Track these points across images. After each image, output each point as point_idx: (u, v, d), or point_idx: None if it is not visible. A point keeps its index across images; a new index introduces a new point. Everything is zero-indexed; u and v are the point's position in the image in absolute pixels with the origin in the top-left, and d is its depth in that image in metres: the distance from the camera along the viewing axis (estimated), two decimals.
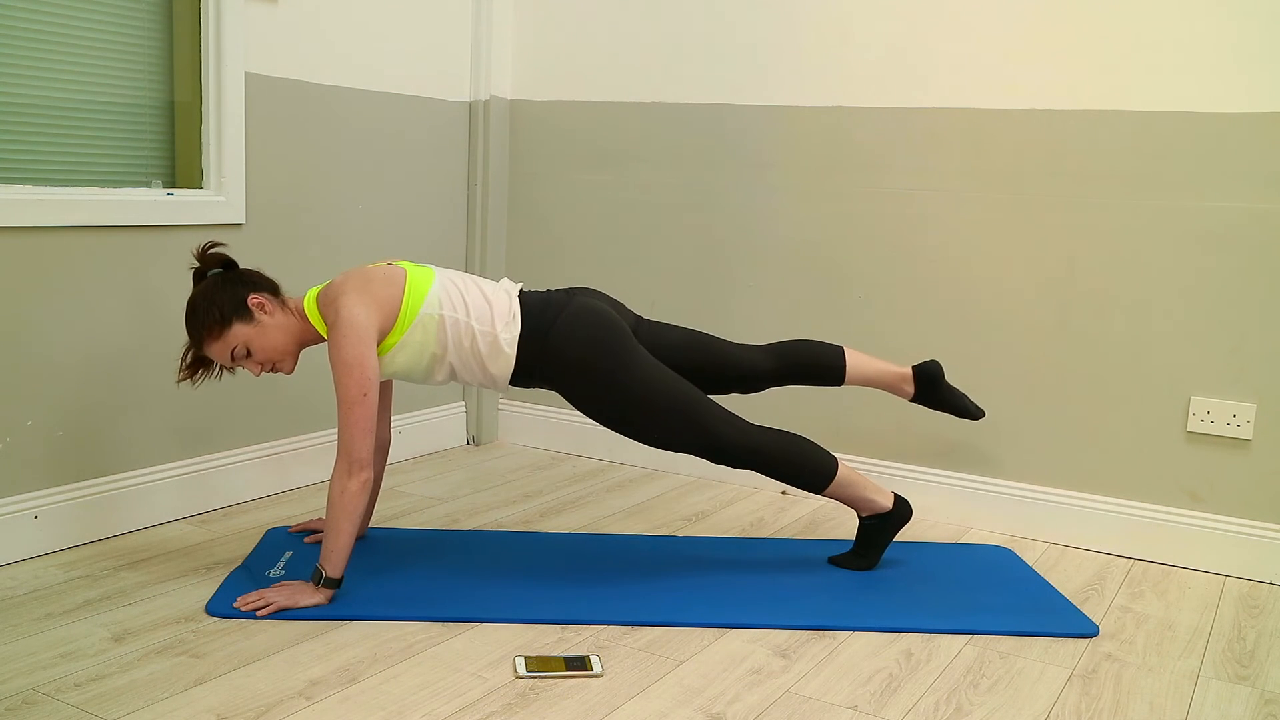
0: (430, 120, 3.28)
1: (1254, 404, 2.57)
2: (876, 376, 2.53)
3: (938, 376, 2.50)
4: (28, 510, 2.35)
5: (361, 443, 2.08)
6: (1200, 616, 2.35)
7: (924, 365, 2.51)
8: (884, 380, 2.53)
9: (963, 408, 2.51)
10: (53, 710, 1.72)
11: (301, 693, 1.81)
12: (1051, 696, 1.93)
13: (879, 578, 2.45)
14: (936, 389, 2.51)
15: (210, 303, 2.17)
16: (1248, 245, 2.54)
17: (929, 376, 2.50)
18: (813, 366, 2.50)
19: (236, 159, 2.69)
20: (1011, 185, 2.78)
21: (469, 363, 2.24)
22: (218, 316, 2.16)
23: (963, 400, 2.52)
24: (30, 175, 2.37)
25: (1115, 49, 2.63)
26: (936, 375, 2.50)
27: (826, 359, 2.50)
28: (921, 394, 2.52)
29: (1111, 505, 2.73)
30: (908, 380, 2.52)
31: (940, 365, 2.51)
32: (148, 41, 2.57)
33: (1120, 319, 2.69)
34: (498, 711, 1.78)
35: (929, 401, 2.53)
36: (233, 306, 2.17)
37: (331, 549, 2.10)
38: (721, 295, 3.19)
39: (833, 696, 1.90)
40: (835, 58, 2.96)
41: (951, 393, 2.52)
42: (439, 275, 2.25)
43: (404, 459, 3.32)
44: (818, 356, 2.51)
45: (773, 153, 3.08)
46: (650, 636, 2.10)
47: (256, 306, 2.18)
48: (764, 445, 2.32)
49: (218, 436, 2.75)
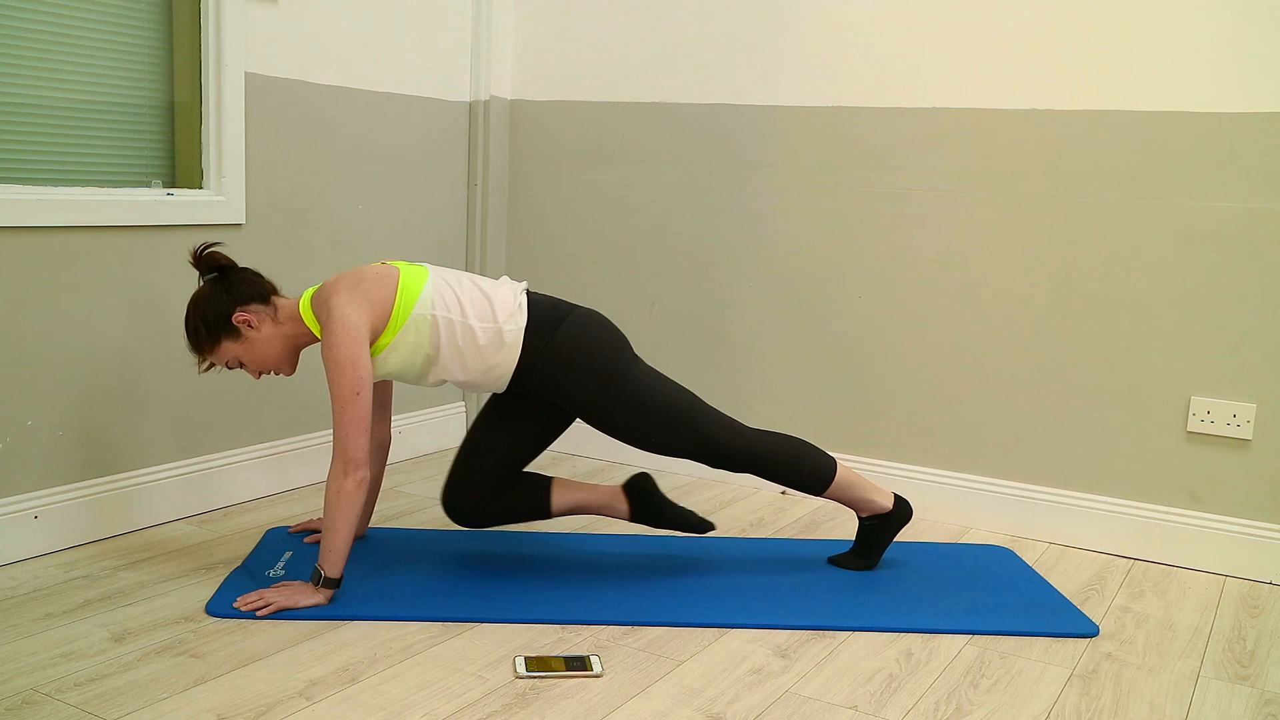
0: (430, 120, 3.28)
1: (1254, 404, 2.57)
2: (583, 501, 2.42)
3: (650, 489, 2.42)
4: (28, 510, 2.35)
5: (356, 442, 2.08)
6: (1200, 616, 2.35)
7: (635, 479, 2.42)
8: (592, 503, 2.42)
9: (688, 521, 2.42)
10: (53, 710, 1.72)
11: (301, 693, 1.81)
12: (1051, 696, 1.93)
13: (879, 578, 2.45)
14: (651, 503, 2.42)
15: (199, 320, 2.19)
16: (1248, 245, 2.54)
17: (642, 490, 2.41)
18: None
19: (236, 159, 2.69)
20: (1011, 185, 2.78)
21: (468, 361, 2.23)
22: (205, 335, 2.19)
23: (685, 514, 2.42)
24: (30, 175, 2.37)
25: (1115, 49, 2.63)
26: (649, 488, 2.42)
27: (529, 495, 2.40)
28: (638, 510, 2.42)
29: (1111, 505, 2.73)
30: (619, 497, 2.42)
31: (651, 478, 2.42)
32: (148, 41, 2.57)
33: (1120, 319, 2.69)
34: (498, 711, 1.78)
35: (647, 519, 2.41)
36: (219, 326, 2.18)
37: (330, 549, 2.10)
38: (720, 295, 3.19)
39: (833, 696, 1.90)
40: (835, 58, 2.96)
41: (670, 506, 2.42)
42: (433, 275, 2.24)
43: (404, 459, 3.32)
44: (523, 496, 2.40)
45: (772, 153, 3.08)
46: (650, 636, 2.10)
47: (242, 324, 2.18)
48: (763, 449, 2.32)
49: (218, 436, 2.75)
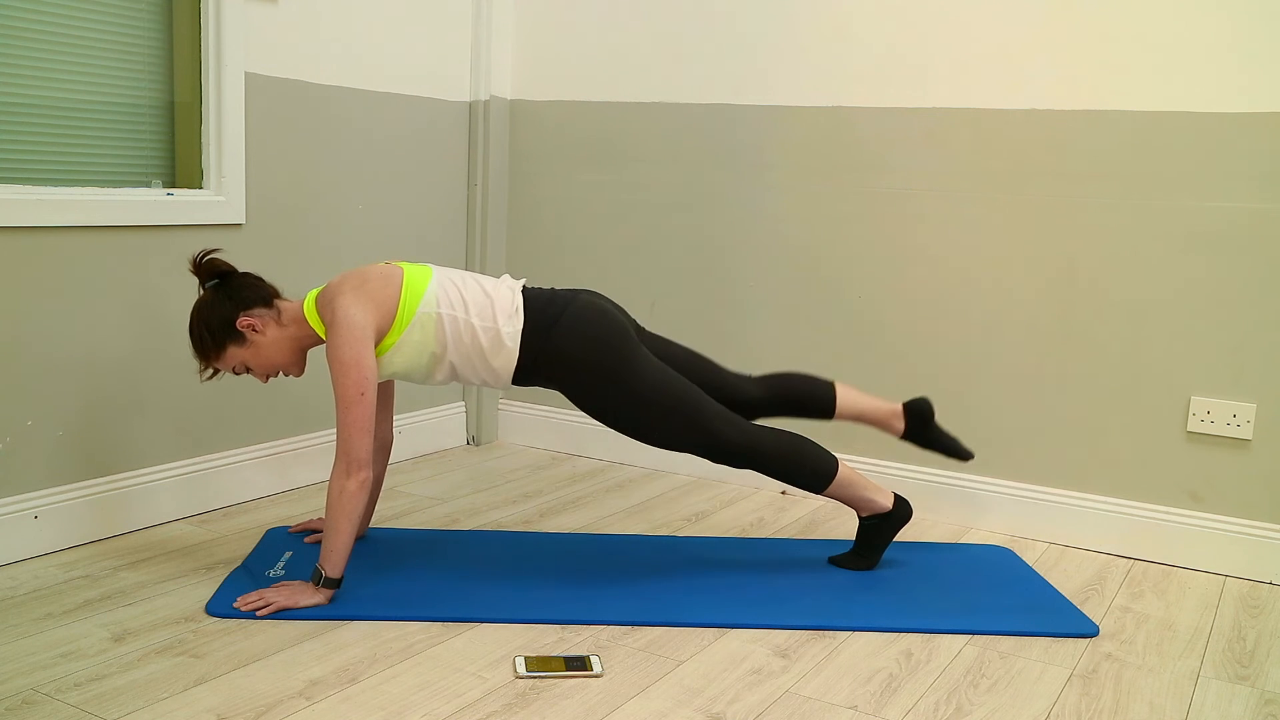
0: (430, 120, 3.28)
1: (1254, 404, 2.57)
2: (867, 412, 2.52)
3: (929, 414, 2.49)
4: (28, 510, 2.35)
5: (360, 442, 2.08)
6: (1200, 616, 2.35)
7: (915, 402, 2.50)
8: (874, 416, 2.51)
9: (952, 448, 2.50)
10: (53, 710, 1.72)
11: (301, 693, 1.81)
12: (1051, 696, 1.93)
13: (879, 578, 2.45)
14: (927, 427, 2.50)
15: (203, 328, 2.20)
16: (1248, 245, 2.54)
17: (919, 414, 2.49)
18: (803, 399, 2.50)
19: (236, 159, 2.69)
20: (1011, 185, 2.78)
21: (471, 360, 2.24)
22: (210, 343, 2.20)
23: (952, 441, 2.50)
24: (30, 175, 2.37)
25: (1115, 49, 2.63)
26: (927, 413, 2.49)
27: (817, 391, 2.50)
28: (911, 431, 2.50)
29: (1111, 505, 2.73)
30: (898, 416, 2.51)
31: (931, 403, 2.50)
32: (148, 41, 2.57)
33: (1120, 319, 2.69)
34: (498, 711, 1.78)
35: (919, 439, 2.51)
36: (223, 332, 2.19)
37: (331, 549, 2.10)
38: (721, 295, 3.19)
39: (833, 696, 1.90)
40: (835, 58, 2.96)
41: (941, 432, 2.51)
42: (437, 273, 2.25)
43: (404, 459, 3.32)
44: (808, 389, 2.50)
45: (773, 153, 3.08)
46: (650, 636, 2.10)
47: (246, 328, 2.19)
48: (764, 445, 2.32)
49: (218, 436, 2.75)
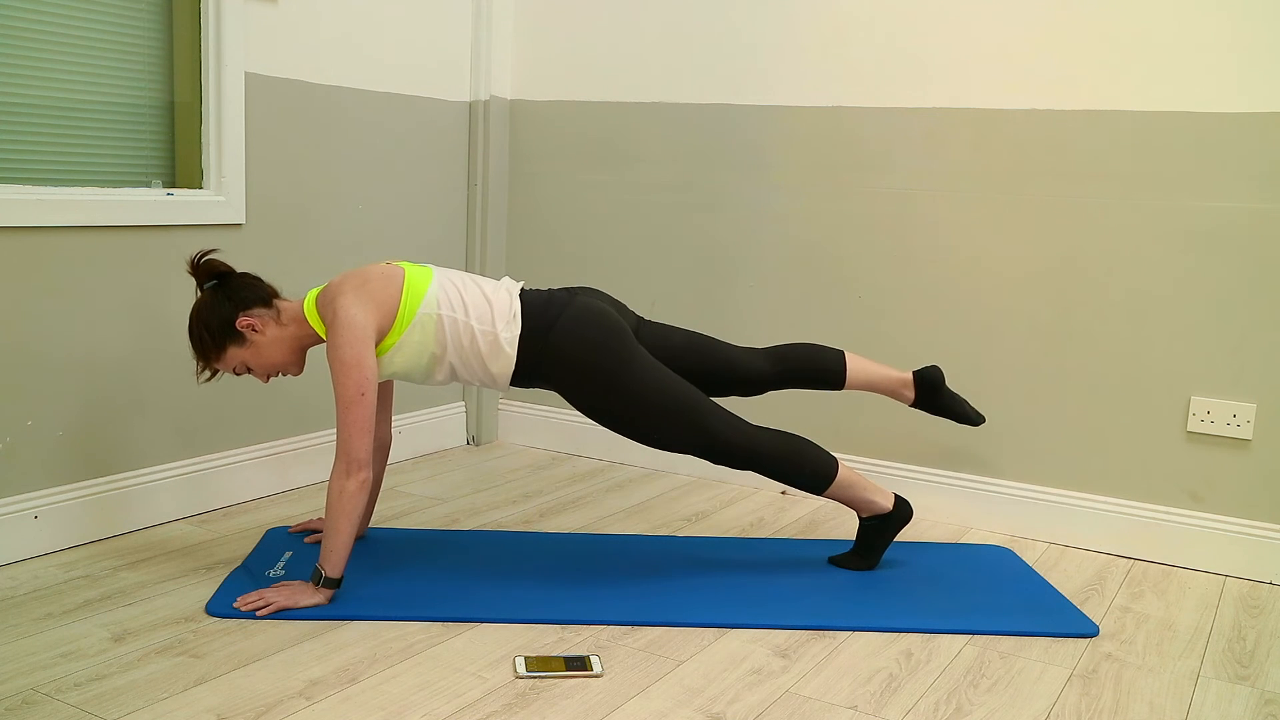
0: (430, 120, 3.28)
1: (1254, 404, 2.57)
2: (877, 381, 2.52)
3: (939, 382, 2.50)
4: (28, 510, 2.35)
5: (360, 442, 2.08)
6: (1200, 616, 2.35)
7: (925, 370, 2.50)
8: (885, 385, 2.52)
9: (963, 414, 2.50)
10: (53, 710, 1.72)
11: (301, 693, 1.81)
12: (1051, 696, 1.93)
13: (879, 578, 2.45)
14: (937, 395, 2.51)
15: (203, 329, 2.20)
16: (1247, 245, 2.54)
17: (930, 382, 2.50)
18: (813, 371, 2.50)
19: (236, 159, 2.69)
20: (1012, 185, 2.78)
21: (469, 362, 2.24)
22: (210, 343, 2.20)
23: (963, 406, 2.51)
24: (30, 175, 2.37)
25: (1115, 49, 2.63)
26: (937, 381, 2.50)
27: (827, 363, 2.50)
28: (922, 399, 2.51)
29: (1111, 505, 2.73)
30: (908, 385, 2.52)
31: (941, 371, 2.51)
32: (148, 41, 2.57)
33: (1120, 319, 2.69)
34: (498, 711, 1.78)
35: (929, 407, 2.52)
36: (223, 332, 2.19)
37: (330, 549, 2.10)
38: (722, 295, 3.19)
39: (833, 696, 1.90)
40: (835, 58, 2.96)
41: (952, 398, 2.51)
42: (438, 274, 2.25)
43: (404, 459, 3.32)
44: (818, 361, 2.50)
45: (773, 153, 3.08)
46: (650, 636, 2.10)
47: (246, 328, 2.19)
48: (764, 446, 2.32)
49: (218, 436, 2.75)
